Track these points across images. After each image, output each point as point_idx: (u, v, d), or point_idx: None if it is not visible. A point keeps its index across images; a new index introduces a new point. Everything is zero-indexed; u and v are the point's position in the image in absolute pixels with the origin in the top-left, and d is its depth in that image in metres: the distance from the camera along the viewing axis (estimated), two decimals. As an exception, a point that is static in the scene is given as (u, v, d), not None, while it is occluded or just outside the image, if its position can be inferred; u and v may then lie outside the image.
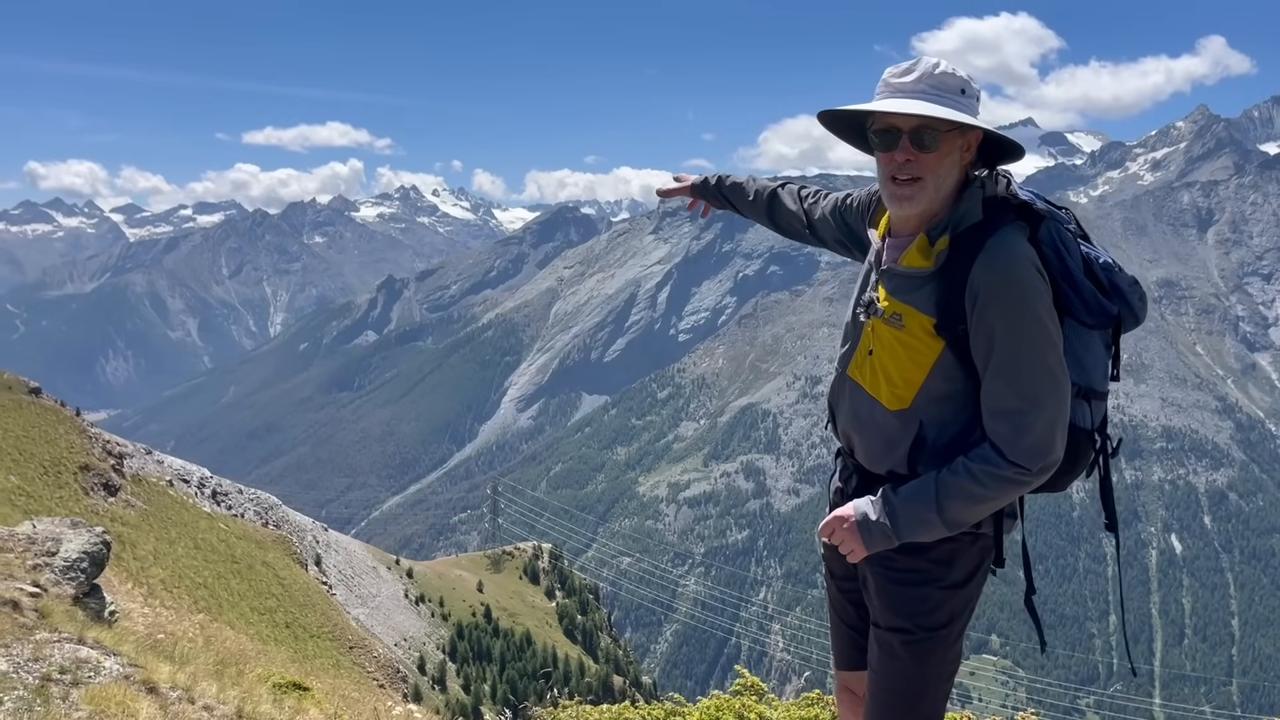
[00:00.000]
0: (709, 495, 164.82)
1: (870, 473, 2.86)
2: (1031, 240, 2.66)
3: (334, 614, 29.11)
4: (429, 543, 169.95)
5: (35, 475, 22.53)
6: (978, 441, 2.67)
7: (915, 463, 2.75)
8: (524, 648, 47.58)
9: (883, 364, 2.77)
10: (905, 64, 2.69)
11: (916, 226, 2.76)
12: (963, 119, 2.59)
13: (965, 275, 2.60)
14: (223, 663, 5.34)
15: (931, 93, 2.62)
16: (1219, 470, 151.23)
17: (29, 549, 5.40)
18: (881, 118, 2.67)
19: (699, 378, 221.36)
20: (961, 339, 2.63)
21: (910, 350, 2.70)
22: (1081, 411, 2.75)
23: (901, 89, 2.64)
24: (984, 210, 2.68)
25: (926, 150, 2.63)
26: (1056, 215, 2.77)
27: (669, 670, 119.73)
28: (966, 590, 2.80)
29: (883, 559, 2.80)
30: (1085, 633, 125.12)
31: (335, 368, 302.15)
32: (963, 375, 2.68)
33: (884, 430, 2.78)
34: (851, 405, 2.88)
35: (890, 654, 2.80)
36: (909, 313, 2.70)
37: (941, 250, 2.67)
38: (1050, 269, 2.66)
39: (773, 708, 5.89)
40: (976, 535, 2.76)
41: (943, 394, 2.70)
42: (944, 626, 2.77)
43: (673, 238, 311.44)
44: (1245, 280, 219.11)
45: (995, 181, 2.76)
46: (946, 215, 2.71)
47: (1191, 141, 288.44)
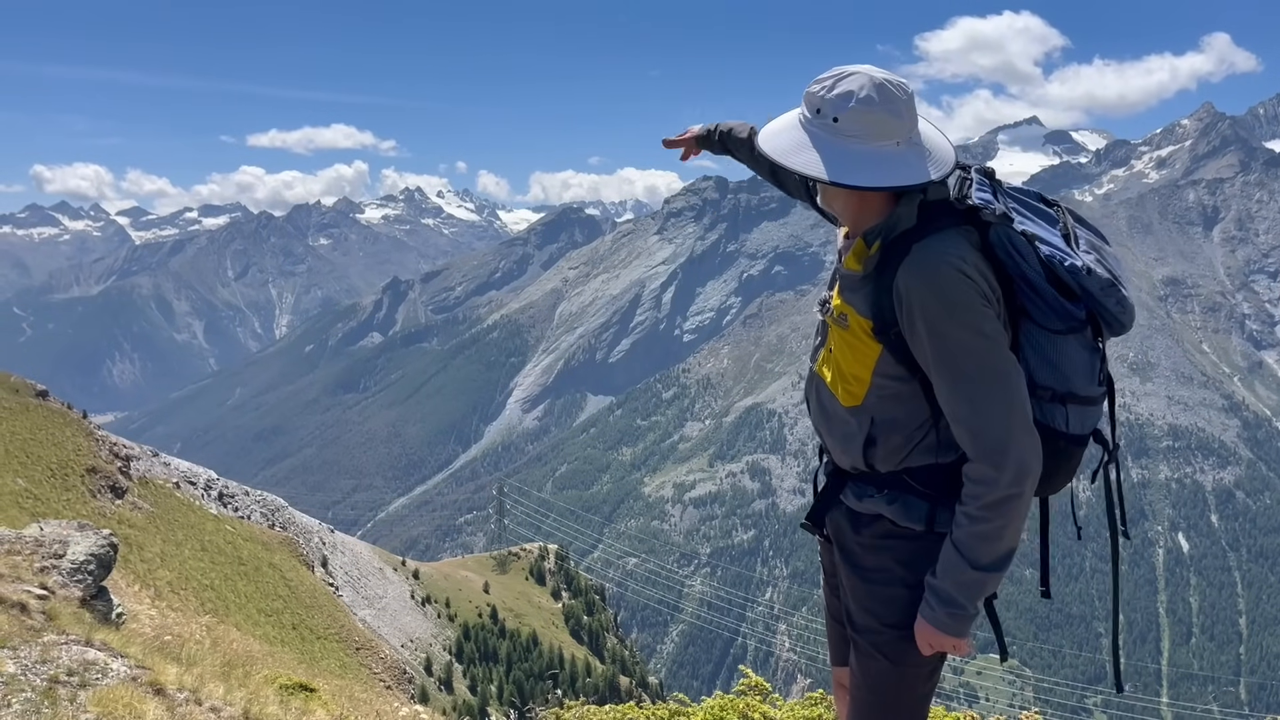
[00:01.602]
0: (714, 495, 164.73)
1: (839, 468, 2.88)
2: (984, 244, 2.58)
3: (340, 615, 29.14)
4: (435, 544, 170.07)
5: (42, 478, 22.59)
6: (925, 439, 2.69)
7: (871, 459, 2.74)
8: (530, 648, 47.58)
9: (838, 361, 2.78)
10: (823, 82, 2.55)
11: (866, 223, 2.75)
12: (819, 175, 2.52)
13: (891, 280, 2.56)
14: (229, 664, 5.36)
15: (822, 131, 2.54)
16: (1226, 468, 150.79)
17: (36, 551, 5.41)
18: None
19: (704, 378, 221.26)
20: (898, 342, 2.61)
21: (855, 350, 2.71)
22: (1057, 414, 2.67)
23: (800, 124, 2.61)
24: (921, 215, 2.59)
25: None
26: (1033, 215, 2.69)
27: (675, 671, 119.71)
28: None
29: (851, 561, 2.82)
30: (1092, 632, 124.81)
31: (341, 369, 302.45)
32: (907, 374, 2.65)
33: (843, 426, 2.79)
34: (818, 400, 2.89)
35: (865, 654, 2.80)
36: (851, 313, 2.69)
37: (873, 255, 2.63)
38: (1006, 271, 2.59)
39: (777, 707, 5.90)
40: (941, 534, 2.70)
41: (889, 393, 2.68)
42: (913, 625, 2.72)
43: (677, 238, 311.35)
44: (1251, 278, 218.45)
45: (954, 184, 2.65)
46: (881, 221, 2.65)
47: (1197, 139, 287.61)
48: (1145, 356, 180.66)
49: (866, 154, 2.48)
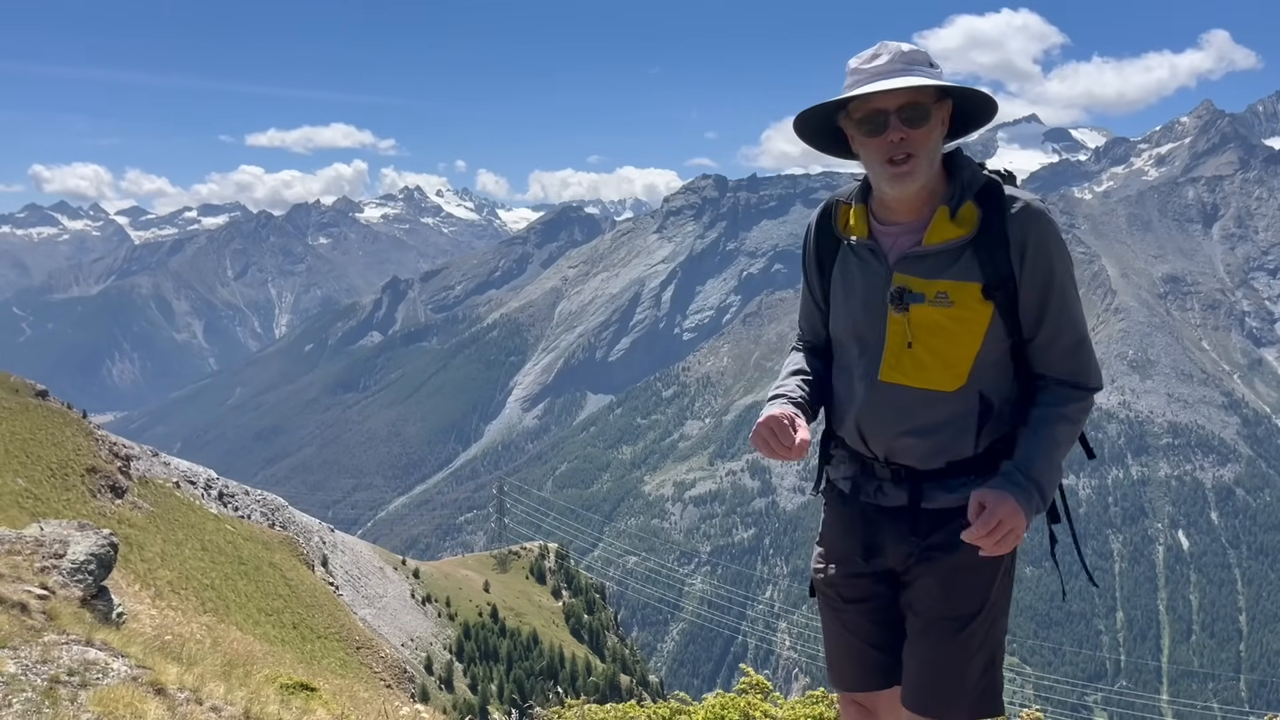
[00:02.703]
0: (715, 494, 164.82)
1: (919, 471, 2.79)
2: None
3: (341, 615, 29.16)
4: (435, 543, 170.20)
5: (42, 478, 22.59)
6: (1011, 407, 2.75)
7: (984, 438, 2.73)
8: (531, 647, 47.60)
9: (930, 350, 2.70)
10: (869, 50, 2.66)
11: (918, 206, 2.73)
12: (949, 85, 2.61)
13: (1003, 232, 2.63)
14: (230, 664, 5.35)
15: (907, 70, 2.59)
16: (1226, 466, 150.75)
17: (36, 551, 5.41)
18: (864, 103, 2.64)
19: (704, 376, 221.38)
20: (1009, 297, 2.65)
21: (962, 323, 2.66)
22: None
23: (878, 73, 2.60)
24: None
25: (917, 126, 2.61)
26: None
27: (676, 669, 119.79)
28: (1012, 564, 2.87)
29: (949, 552, 2.76)
30: (1092, 629, 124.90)
31: (341, 369, 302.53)
32: (1006, 335, 2.69)
33: (947, 417, 2.72)
34: (898, 410, 2.76)
35: (958, 635, 2.77)
36: (954, 286, 2.65)
37: (970, 215, 2.67)
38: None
39: (778, 705, 5.89)
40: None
41: (994, 359, 2.70)
42: (1005, 602, 2.83)
43: (677, 236, 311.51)
44: (1251, 275, 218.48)
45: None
46: (952, 186, 2.71)
47: (1196, 137, 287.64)
48: (1145, 354, 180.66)
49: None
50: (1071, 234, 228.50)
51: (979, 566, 2.75)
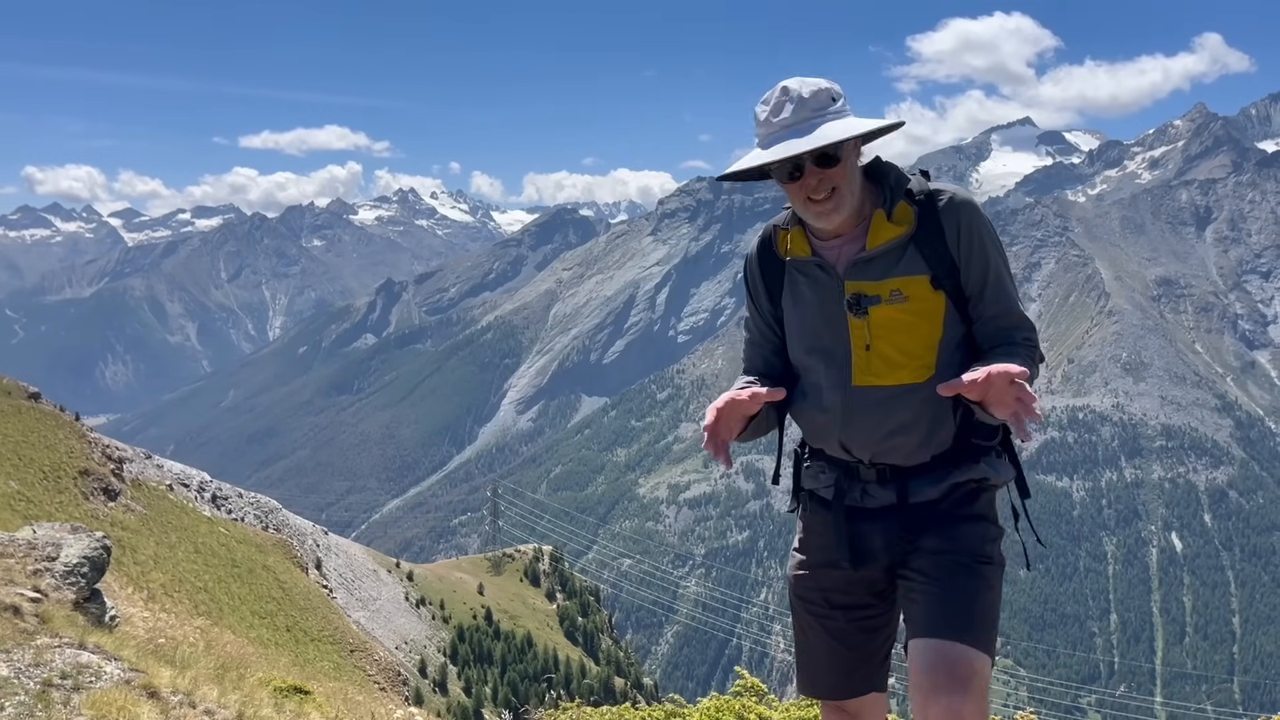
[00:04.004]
0: (709, 496, 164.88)
1: (904, 469, 2.83)
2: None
3: (335, 617, 29.10)
4: (429, 545, 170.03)
5: (35, 480, 22.53)
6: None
7: (959, 423, 2.79)
8: (525, 650, 47.57)
9: (893, 346, 2.76)
10: (773, 100, 2.70)
11: (852, 221, 2.80)
12: (861, 128, 2.67)
13: (938, 222, 2.75)
14: (224, 667, 5.34)
15: (816, 117, 2.66)
16: (1219, 468, 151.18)
17: (29, 554, 5.40)
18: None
19: (698, 379, 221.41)
20: (954, 283, 2.76)
21: (920, 315, 2.74)
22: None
23: (785, 126, 2.67)
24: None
25: (833, 165, 2.68)
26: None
27: (670, 672, 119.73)
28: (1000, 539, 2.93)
29: (941, 539, 2.80)
30: (1086, 631, 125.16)
31: (334, 371, 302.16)
32: (960, 320, 2.79)
33: (925, 408, 2.76)
34: (876, 413, 2.79)
35: (976, 572, 2.78)
36: (905, 282, 2.74)
37: (907, 213, 2.77)
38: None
39: (773, 708, 5.90)
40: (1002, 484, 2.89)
41: (955, 342, 2.79)
42: (999, 563, 2.82)
43: (671, 239, 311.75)
44: (1244, 278, 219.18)
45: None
46: (881, 191, 2.81)
47: (1189, 140, 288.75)
48: (1138, 356, 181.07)
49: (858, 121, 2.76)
50: (1065, 237, 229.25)
51: (976, 539, 2.80)
